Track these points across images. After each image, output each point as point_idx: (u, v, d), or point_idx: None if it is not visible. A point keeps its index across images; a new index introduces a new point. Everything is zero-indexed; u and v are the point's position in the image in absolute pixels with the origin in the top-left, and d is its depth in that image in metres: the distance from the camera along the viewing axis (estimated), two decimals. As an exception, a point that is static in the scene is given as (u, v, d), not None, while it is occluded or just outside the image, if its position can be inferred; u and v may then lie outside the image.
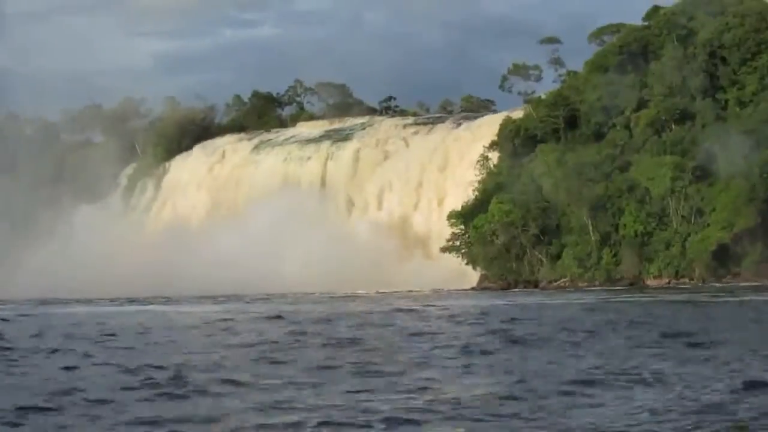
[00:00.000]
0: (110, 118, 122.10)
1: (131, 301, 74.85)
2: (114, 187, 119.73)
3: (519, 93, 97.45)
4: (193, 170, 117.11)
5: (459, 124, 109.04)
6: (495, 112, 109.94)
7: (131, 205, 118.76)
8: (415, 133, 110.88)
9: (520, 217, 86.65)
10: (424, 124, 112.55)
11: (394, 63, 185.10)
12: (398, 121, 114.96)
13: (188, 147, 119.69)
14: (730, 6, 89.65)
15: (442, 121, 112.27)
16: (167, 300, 74.92)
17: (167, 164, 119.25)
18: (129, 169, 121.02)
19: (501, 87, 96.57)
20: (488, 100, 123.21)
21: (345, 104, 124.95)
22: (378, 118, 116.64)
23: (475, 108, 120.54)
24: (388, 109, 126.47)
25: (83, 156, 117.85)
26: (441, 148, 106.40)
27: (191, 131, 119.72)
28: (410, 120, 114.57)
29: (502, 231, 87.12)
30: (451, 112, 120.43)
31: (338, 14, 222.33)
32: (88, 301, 74.68)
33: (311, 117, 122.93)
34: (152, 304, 68.95)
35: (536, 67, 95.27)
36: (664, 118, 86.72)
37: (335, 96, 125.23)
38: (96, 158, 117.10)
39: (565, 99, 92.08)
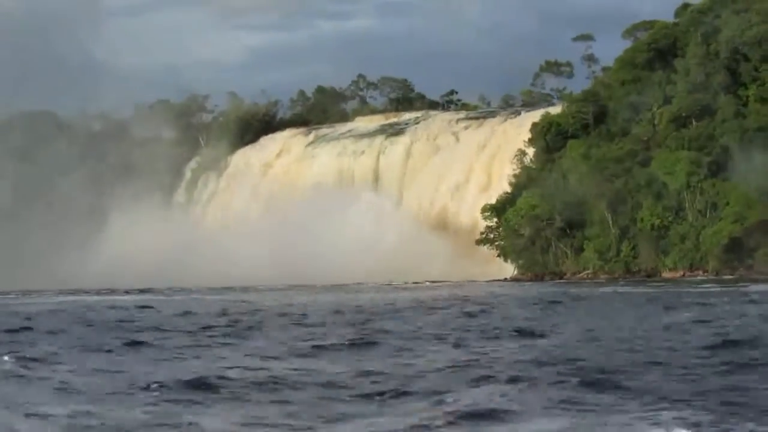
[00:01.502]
0: (177, 114, 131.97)
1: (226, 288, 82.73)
2: (179, 181, 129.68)
3: (552, 89, 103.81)
4: (253, 164, 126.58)
5: (507, 120, 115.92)
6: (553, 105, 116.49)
7: (194, 198, 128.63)
8: (466, 127, 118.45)
9: (546, 210, 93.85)
10: (476, 118, 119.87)
11: (487, 53, 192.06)
12: (451, 115, 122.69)
13: (250, 142, 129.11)
14: (755, 3, 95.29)
15: (493, 116, 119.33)
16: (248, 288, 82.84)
17: (229, 158, 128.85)
18: (193, 163, 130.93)
19: (533, 84, 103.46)
20: (549, 94, 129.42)
21: (406, 98, 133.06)
22: (432, 113, 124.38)
23: (535, 102, 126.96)
24: (449, 103, 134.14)
25: (151, 150, 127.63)
26: (488, 143, 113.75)
27: (254, 126, 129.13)
28: (462, 114, 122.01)
29: (528, 224, 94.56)
30: (512, 106, 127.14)
31: (432, 4, 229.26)
32: (170, 290, 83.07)
33: (372, 111, 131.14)
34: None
35: (568, 64, 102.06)
36: (685, 114, 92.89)
37: (396, 90, 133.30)
38: (163, 152, 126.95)
39: (595, 95, 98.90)
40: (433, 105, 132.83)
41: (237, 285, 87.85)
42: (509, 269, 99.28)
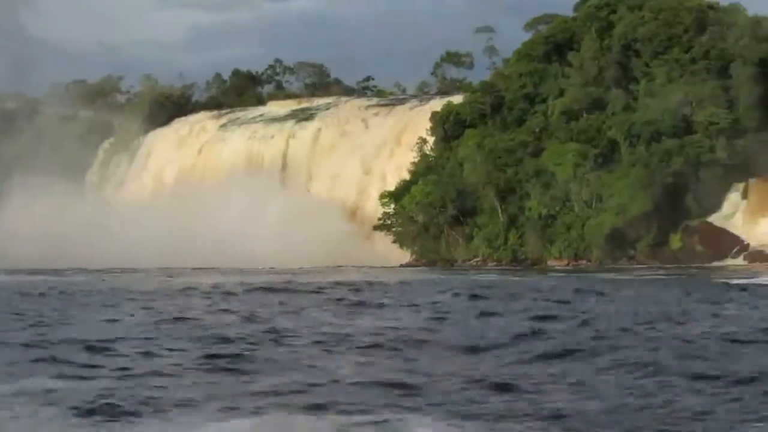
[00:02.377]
0: (92, 94, 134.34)
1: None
2: (92, 161, 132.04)
3: (452, 79, 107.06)
4: (164, 146, 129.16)
5: (415, 107, 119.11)
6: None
7: (107, 178, 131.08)
8: (376, 114, 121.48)
9: (439, 198, 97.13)
10: (386, 105, 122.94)
11: (424, 39, 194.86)
12: (362, 102, 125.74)
13: (164, 124, 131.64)
14: (649, 0, 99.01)
15: (403, 103, 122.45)
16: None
17: (141, 139, 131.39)
18: (106, 144, 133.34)
19: (433, 74, 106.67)
20: (466, 81, 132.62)
21: (322, 84, 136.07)
22: (344, 99, 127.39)
23: (450, 89, 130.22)
24: (366, 89, 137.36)
25: (65, 130, 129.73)
26: (395, 130, 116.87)
27: (167, 108, 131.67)
28: (373, 101, 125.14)
29: (422, 211, 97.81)
30: (427, 93, 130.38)
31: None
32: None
33: (288, 96, 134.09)
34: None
35: (468, 55, 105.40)
36: (577, 107, 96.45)
37: (312, 75, 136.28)
38: (76, 132, 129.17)
39: (493, 86, 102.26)
40: (350, 91, 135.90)
41: (120, 266, 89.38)
42: (407, 256, 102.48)
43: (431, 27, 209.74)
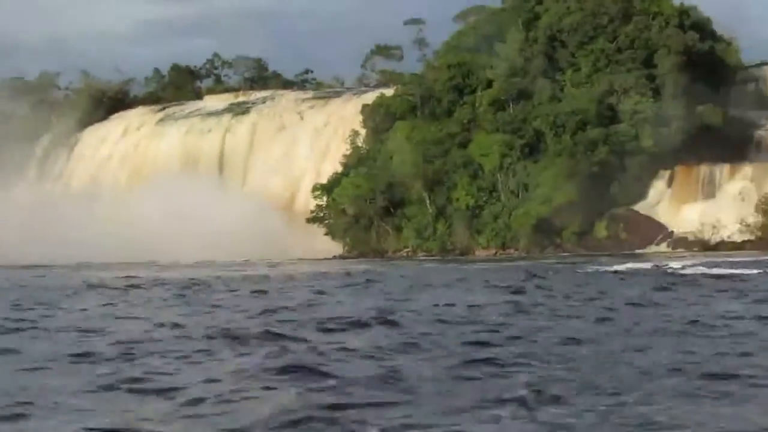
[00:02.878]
0: (30, 90, 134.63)
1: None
2: (30, 157, 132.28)
3: (382, 71, 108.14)
4: (101, 141, 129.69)
5: (351, 100, 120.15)
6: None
7: (45, 174, 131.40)
8: (311, 107, 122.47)
9: (368, 190, 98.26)
10: (322, 98, 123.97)
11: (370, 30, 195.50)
12: (298, 95, 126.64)
13: (102, 119, 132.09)
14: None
15: (339, 96, 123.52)
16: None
17: (78, 135, 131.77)
18: (44, 140, 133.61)
19: (363, 66, 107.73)
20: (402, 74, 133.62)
21: (261, 77, 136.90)
22: (280, 92, 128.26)
23: (389, 82, 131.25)
24: (305, 82, 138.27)
25: (2, 127, 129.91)
26: (329, 123, 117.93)
27: (105, 104, 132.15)
28: (309, 94, 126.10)
29: (352, 204, 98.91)
30: (366, 86, 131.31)
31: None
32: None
33: (226, 90, 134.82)
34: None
35: (397, 48, 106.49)
36: (503, 97, 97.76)
37: (251, 69, 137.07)
38: (14, 129, 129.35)
39: (422, 78, 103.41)
40: (289, 84, 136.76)
41: (50, 263, 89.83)
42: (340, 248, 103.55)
43: (368, 19, 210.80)
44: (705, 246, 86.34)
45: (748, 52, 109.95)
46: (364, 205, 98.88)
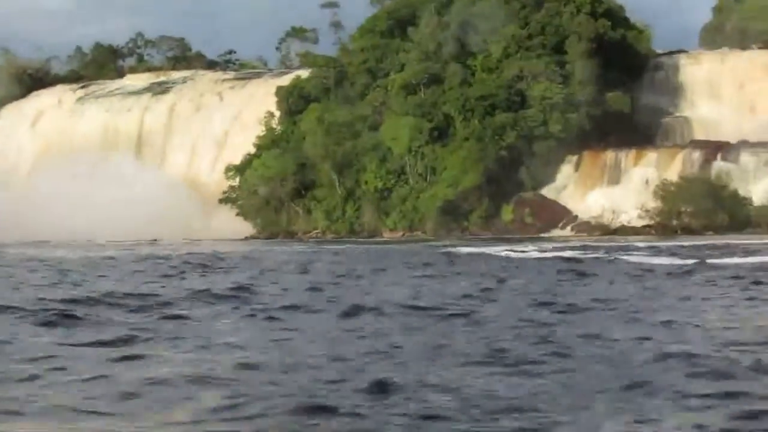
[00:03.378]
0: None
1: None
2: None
3: (297, 54, 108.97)
4: (21, 119, 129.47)
5: (269, 81, 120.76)
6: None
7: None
8: (231, 87, 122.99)
9: (279, 171, 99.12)
10: (242, 79, 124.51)
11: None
12: (219, 75, 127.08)
13: (21, 97, 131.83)
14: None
15: (260, 77, 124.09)
16: None
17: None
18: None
19: (278, 48, 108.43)
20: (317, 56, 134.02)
21: (184, 57, 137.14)
22: (201, 72, 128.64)
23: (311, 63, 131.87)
24: (228, 62, 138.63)
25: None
26: (249, 104, 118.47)
27: (25, 82, 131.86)
28: (230, 75, 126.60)
29: (263, 185, 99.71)
30: (289, 67, 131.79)
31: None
32: None
33: (149, 69, 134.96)
34: None
35: (313, 30, 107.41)
36: (415, 81, 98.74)
37: (174, 49, 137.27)
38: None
39: (337, 61, 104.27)
40: (212, 64, 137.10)
41: None
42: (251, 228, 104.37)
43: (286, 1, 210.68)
44: (605, 231, 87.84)
45: (669, 41, 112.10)
46: (274, 186, 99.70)
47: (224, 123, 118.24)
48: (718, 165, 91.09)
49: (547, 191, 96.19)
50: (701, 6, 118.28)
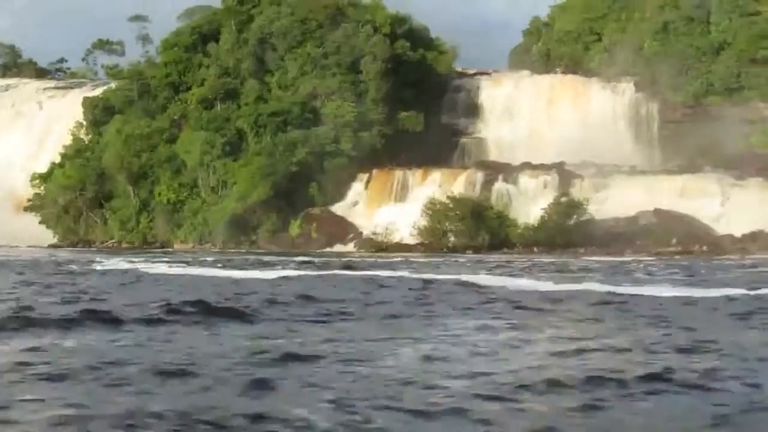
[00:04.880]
0: None
1: None
2: None
3: (102, 66, 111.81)
4: None
5: (87, 91, 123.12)
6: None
7: None
8: (52, 97, 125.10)
9: (78, 181, 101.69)
10: (63, 88, 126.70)
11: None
12: (42, 84, 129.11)
13: None
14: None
15: (81, 86, 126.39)
16: None
17: None
18: None
19: (84, 60, 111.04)
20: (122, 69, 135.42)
21: (15, 65, 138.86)
22: (25, 81, 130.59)
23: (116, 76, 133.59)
24: (59, 71, 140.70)
25: None
26: (68, 113, 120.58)
27: None
28: (52, 84, 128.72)
29: (63, 194, 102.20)
30: (114, 77, 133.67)
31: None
32: None
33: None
34: None
35: (119, 43, 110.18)
36: (212, 96, 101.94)
37: (4, 56, 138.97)
38: None
39: (141, 73, 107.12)
40: (43, 73, 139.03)
41: None
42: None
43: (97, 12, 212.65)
44: (381, 247, 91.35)
45: (484, 61, 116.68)
46: (73, 195, 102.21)
47: (40, 131, 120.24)
48: (499, 186, 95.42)
49: (338, 207, 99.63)
50: (518, 27, 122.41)
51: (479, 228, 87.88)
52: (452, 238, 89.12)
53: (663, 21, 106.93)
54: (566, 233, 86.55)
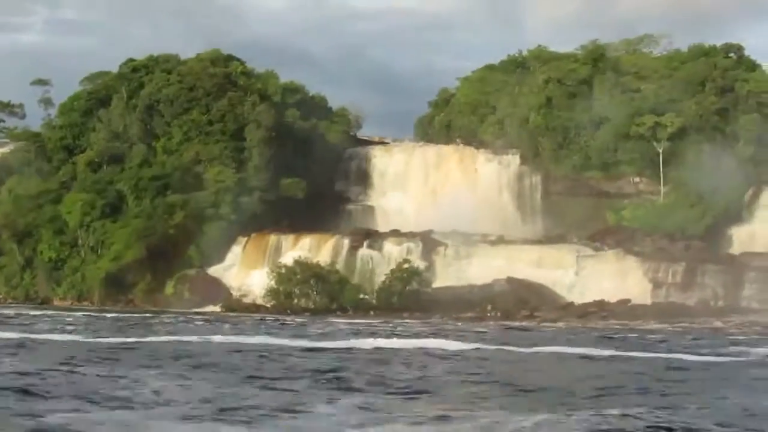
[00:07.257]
0: None
1: None
2: None
3: (2, 130, 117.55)
4: None
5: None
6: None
7: None
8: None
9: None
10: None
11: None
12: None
13: None
14: (178, 65, 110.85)
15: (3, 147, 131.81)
16: None
17: None
18: None
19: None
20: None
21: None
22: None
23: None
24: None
25: None
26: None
27: None
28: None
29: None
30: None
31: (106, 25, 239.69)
32: None
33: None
34: None
35: (20, 106, 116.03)
36: (98, 159, 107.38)
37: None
38: None
39: (38, 135, 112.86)
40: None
41: None
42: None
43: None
44: (243, 308, 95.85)
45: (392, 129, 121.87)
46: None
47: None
48: (363, 252, 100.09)
49: (215, 269, 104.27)
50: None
51: (320, 291, 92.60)
52: (295, 301, 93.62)
53: (546, 96, 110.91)
54: (404, 299, 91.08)
